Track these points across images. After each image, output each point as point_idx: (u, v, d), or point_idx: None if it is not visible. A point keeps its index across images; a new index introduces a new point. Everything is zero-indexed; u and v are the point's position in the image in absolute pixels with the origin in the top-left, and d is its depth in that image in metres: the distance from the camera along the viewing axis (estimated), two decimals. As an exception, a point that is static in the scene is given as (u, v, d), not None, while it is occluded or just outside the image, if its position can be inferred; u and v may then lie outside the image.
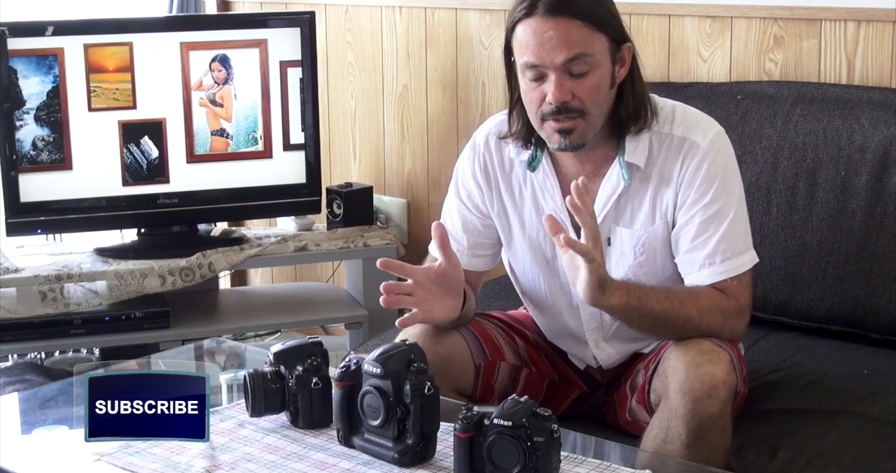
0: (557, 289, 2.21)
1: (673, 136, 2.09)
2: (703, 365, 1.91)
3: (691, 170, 2.07)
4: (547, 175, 2.16)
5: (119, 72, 3.23)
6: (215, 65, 3.30)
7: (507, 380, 2.21)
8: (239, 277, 4.12)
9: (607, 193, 2.11)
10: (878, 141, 2.46)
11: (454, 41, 3.43)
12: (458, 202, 2.26)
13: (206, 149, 3.33)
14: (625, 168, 2.09)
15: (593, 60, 2.01)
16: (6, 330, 3.10)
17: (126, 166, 3.26)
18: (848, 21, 2.68)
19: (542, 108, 2.04)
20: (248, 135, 3.36)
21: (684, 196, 2.07)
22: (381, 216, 3.67)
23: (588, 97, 2.02)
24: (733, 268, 2.05)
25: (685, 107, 2.14)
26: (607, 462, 1.76)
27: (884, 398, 2.22)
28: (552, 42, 1.98)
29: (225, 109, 3.33)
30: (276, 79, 3.34)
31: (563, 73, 2.00)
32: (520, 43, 2.03)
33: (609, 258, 2.14)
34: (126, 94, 3.24)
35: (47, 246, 3.41)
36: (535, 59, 2.01)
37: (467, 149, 2.26)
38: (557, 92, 2.00)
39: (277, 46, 3.32)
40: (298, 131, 3.37)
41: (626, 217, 2.12)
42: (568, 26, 1.99)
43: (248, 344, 3.30)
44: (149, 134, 3.27)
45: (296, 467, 1.78)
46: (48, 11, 3.73)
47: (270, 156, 3.37)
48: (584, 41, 2.00)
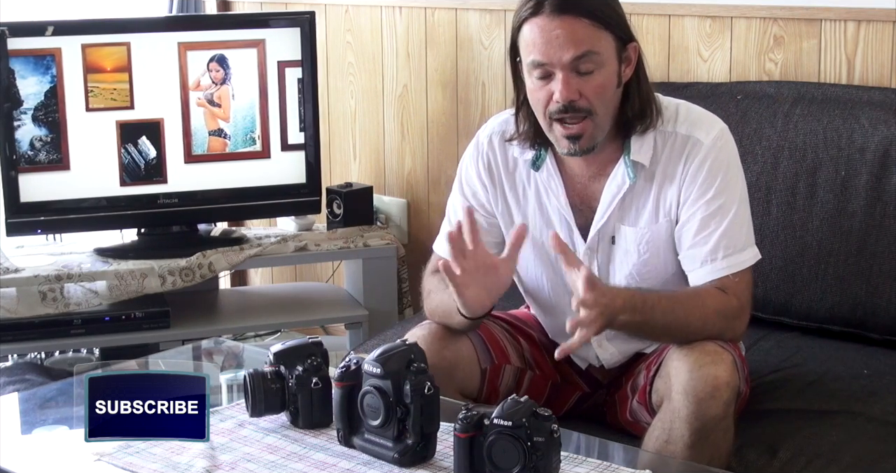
0: (560, 289, 2.21)
1: (677, 134, 2.09)
2: (706, 367, 1.91)
3: (694, 167, 2.07)
4: (551, 174, 2.16)
5: (117, 72, 3.22)
6: (213, 65, 3.30)
7: (511, 383, 2.21)
8: (239, 277, 4.12)
9: (612, 192, 2.12)
10: (878, 141, 2.46)
11: (454, 41, 3.43)
12: (462, 200, 2.26)
13: (204, 150, 3.33)
14: (630, 167, 2.09)
15: (600, 59, 2.01)
16: (6, 330, 3.10)
17: (124, 166, 3.26)
18: (848, 21, 2.68)
19: (549, 108, 2.04)
20: (246, 136, 3.35)
21: (687, 192, 2.07)
22: (381, 216, 3.67)
23: (595, 96, 2.02)
24: (735, 265, 2.05)
25: (689, 105, 2.14)
26: (607, 463, 1.76)
27: (884, 398, 2.22)
28: (559, 40, 1.98)
29: (223, 109, 3.33)
30: (273, 80, 3.34)
31: (570, 72, 2.00)
32: (526, 42, 2.03)
33: (613, 256, 2.14)
34: (124, 94, 3.24)
35: (47, 246, 3.41)
36: (542, 58, 2.01)
37: (471, 148, 2.25)
38: (565, 90, 2.00)
39: (275, 46, 3.32)
40: (297, 131, 3.37)
41: (630, 216, 2.12)
42: (575, 24, 1.99)
43: (248, 344, 3.30)
44: (146, 134, 3.27)
45: (296, 467, 1.78)
46: (47, 11, 3.73)
47: (268, 157, 3.37)
48: (591, 39, 2.00)
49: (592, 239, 2.14)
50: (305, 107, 3.36)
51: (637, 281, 2.14)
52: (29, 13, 3.69)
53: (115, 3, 3.90)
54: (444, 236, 2.25)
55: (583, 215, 2.15)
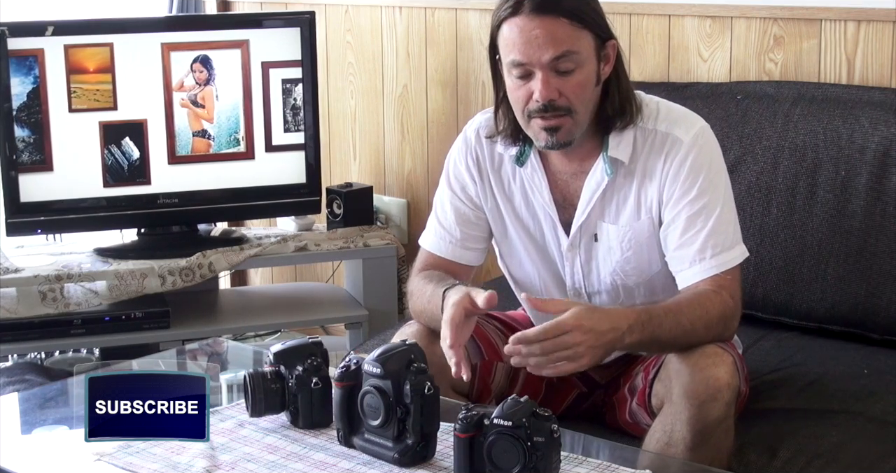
0: (552, 282, 2.21)
1: (657, 132, 2.09)
2: (707, 369, 1.91)
3: (675, 166, 2.07)
4: (535, 170, 2.16)
5: (100, 72, 3.21)
6: (196, 65, 3.29)
7: (504, 382, 2.21)
8: (239, 277, 4.12)
9: (591, 189, 2.12)
10: (878, 141, 2.46)
11: (454, 41, 3.43)
12: (450, 194, 2.26)
13: (188, 151, 3.31)
14: (608, 163, 2.09)
15: (579, 58, 2.01)
16: (6, 330, 3.10)
17: (107, 167, 3.24)
18: (848, 21, 2.68)
19: (528, 106, 2.04)
20: (230, 137, 3.34)
21: (669, 191, 2.07)
22: (381, 216, 3.67)
23: (574, 95, 2.02)
24: (724, 263, 2.05)
25: (669, 104, 2.15)
26: (607, 463, 1.76)
27: (884, 398, 2.22)
28: (539, 40, 1.99)
29: (206, 110, 3.32)
30: (258, 80, 3.32)
31: (549, 71, 2.00)
32: (506, 41, 2.03)
33: (596, 253, 2.15)
34: (107, 95, 3.22)
35: (47, 246, 3.41)
36: (521, 58, 2.01)
37: (459, 143, 2.26)
38: (544, 90, 2.00)
39: (260, 47, 3.31)
40: (281, 132, 3.35)
41: (611, 213, 2.12)
42: (554, 24, 1.99)
43: (248, 344, 3.31)
44: (130, 135, 3.25)
45: (296, 467, 1.78)
46: (46, 11, 3.72)
47: (253, 158, 3.36)
48: (570, 39, 2.00)
49: (574, 235, 2.15)
50: (306, 107, 3.36)
51: (622, 278, 2.14)
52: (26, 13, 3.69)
53: (115, 3, 3.90)
54: (431, 230, 2.26)
55: (566, 211, 2.16)
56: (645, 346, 2.01)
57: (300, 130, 3.37)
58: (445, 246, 2.25)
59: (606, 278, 2.15)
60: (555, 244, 2.19)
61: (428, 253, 2.27)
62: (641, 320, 1.93)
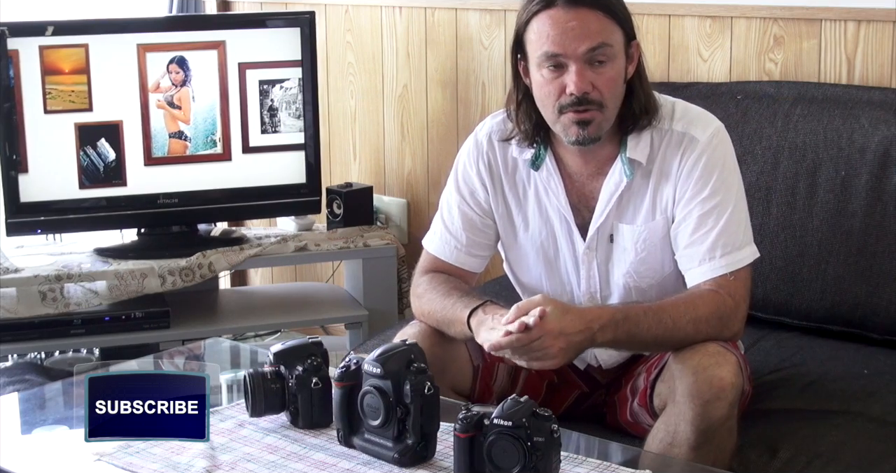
0: (559, 289, 2.21)
1: (673, 132, 2.10)
2: (710, 369, 1.91)
3: (689, 165, 2.07)
4: (551, 173, 2.16)
5: (75, 74, 3.19)
6: (173, 66, 3.27)
7: (505, 382, 2.21)
8: (239, 277, 4.12)
9: (610, 190, 2.12)
10: (878, 141, 2.46)
11: (454, 41, 3.43)
12: (459, 198, 2.25)
13: (164, 152, 3.30)
14: (627, 164, 2.10)
15: (612, 51, 2.02)
16: (6, 330, 3.10)
17: (83, 169, 3.23)
18: (848, 21, 2.68)
19: (560, 100, 2.04)
20: (207, 138, 3.33)
21: (682, 190, 2.07)
22: (381, 216, 3.67)
23: (607, 89, 2.03)
24: (733, 263, 2.05)
25: (685, 104, 2.15)
26: (607, 463, 1.76)
27: (884, 398, 2.22)
28: (575, 31, 1.99)
29: (183, 111, 3.30)
30: (234, 81, 3.31)
31: (583, 64, 2.01)
32: (538, 35, 2.03)
33: (611, 255, 2.14)
34: (82, 96, 3.20)
35: (47, 246, 3.40)
36: (556, 49, 2.01)
37: (470, 147, 2.25)
38: (580, 81, 2.00)
39: (236, 48, 3.30)
40: (258, 134, 3.34)
41: (628, 214, 2.12)
42: (590, 16, 2.00)
43: (248, 344, 3.30)
44: (105, 136, 3.24)
45: (296, 467, 1.78)
46: (46, 11, 3.72)
47: (230, 159, 3.35)
48: (604, 31, 2.01)
49: (591, 238, 2.14)
50: (306, 107, 3.36)
51: (635, 280, 2.14)
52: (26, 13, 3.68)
53: (116, 2, 3.89)
54: (436, 233, 2.26)
55: (581, 214, 2.16)
56: (623, 344, 2.02)
57: (277, 131, 3.36)
58: (450, 251, 2.24)
59: (619, 280, 2.15)
60: (568, 248, 2.18)
61: (432, 256, 2.27)
62: (616, 319, 1.95)
